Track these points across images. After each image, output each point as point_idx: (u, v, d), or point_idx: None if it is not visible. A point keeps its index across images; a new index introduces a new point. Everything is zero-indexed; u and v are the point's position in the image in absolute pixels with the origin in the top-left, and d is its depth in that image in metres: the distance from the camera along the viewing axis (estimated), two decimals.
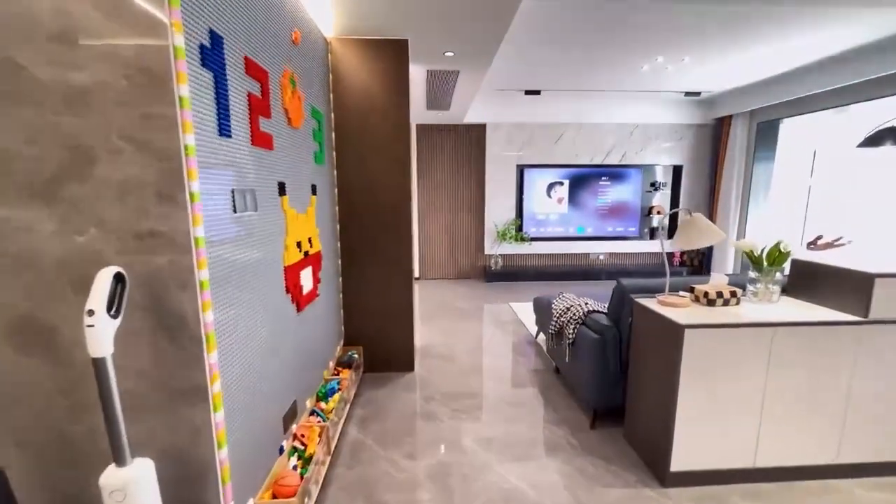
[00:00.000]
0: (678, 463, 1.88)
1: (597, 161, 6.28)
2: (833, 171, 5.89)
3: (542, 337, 3.80)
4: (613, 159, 6.29)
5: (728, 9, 3.04)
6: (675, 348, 1.80)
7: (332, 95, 2.76)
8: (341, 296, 3.02)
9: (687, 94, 5.54)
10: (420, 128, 6.16)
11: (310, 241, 2.22)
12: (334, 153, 2.83)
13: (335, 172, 2.85)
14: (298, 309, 2.04)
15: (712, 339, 1.78)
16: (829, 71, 4.38)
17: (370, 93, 2.81)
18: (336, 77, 2.77)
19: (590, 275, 6.35)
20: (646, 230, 6.56)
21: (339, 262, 2.97)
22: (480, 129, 6.20)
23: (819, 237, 2.04)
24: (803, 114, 5.09)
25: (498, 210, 6.35)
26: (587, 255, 6.59)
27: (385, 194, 2.93)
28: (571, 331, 2.53)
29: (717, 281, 2.04)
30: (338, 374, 2.71)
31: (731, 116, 5.77)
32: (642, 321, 2.07)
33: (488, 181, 6.28)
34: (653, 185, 6.47)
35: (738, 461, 1.91)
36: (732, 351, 1.80)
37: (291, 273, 1.93)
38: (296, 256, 1.98)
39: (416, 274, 6.52)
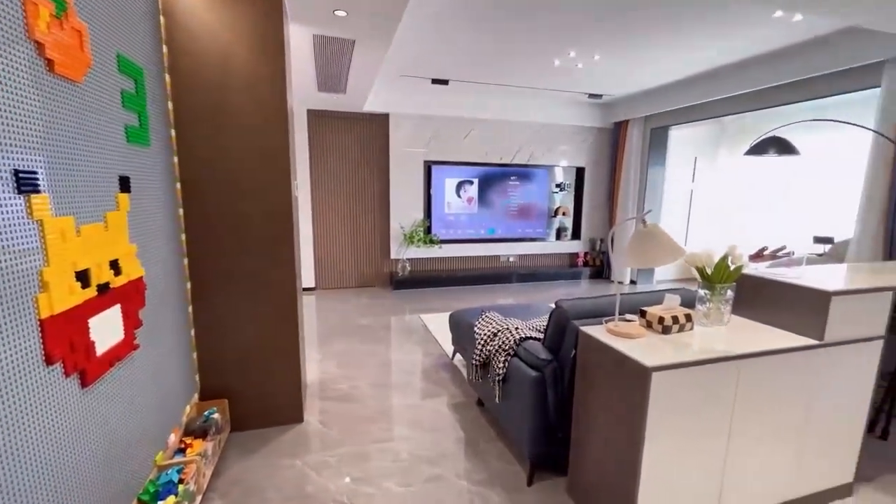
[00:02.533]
0: None
1: (506, 160, 6.06)
2: (712, 176, 6.45)
3: (459, 358, 3.33)
4: (521, 159, 6.13)
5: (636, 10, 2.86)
6: (640, 393, 1.42)
7: (165, 49, 1.92)
8: (193, 333, 2.18)
9: (590, 95, 5.56)
10: (312, 114, 5.30)
11: (115, 265, 1.40)
12: (173, 133, 1.98)
13: (175, 161, 2.00)
14: (86, 381, 1.23)
15: (680, 379, 1.44)
16: (710, 84, 4.61)
17: (229, 55, 2.03)
18: (173, 23, 1.93)
19: (501, 278, 6.12)
20: (551, 231, 6.56)
21: (189, 286, 2.13)
22: (383, 119, 5.56)
23: (764, 248, 1.85)
24: (688, 122, 5.40)
25: (404, 210, 5.78)
26: (498, 257, 6.36)
27: (256, 194, 2.17)
28: (501, 364, 2.07)
29: (671, 303, 1.73)
30: (185, 451, 1.89)
31: (628, 121, 5.97)
32: (591, 356, 1.68)
33: (393, 178, 5.67)
34: (558, 185, 6.48)
35: None
36: (700, 390, 1.48)
37: (63, 325, 1.13)
38: (73, 297, 1.17)
39: (312, 284, 5.65)
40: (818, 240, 4.48)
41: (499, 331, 2.22)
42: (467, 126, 5.81)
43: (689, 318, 1.68)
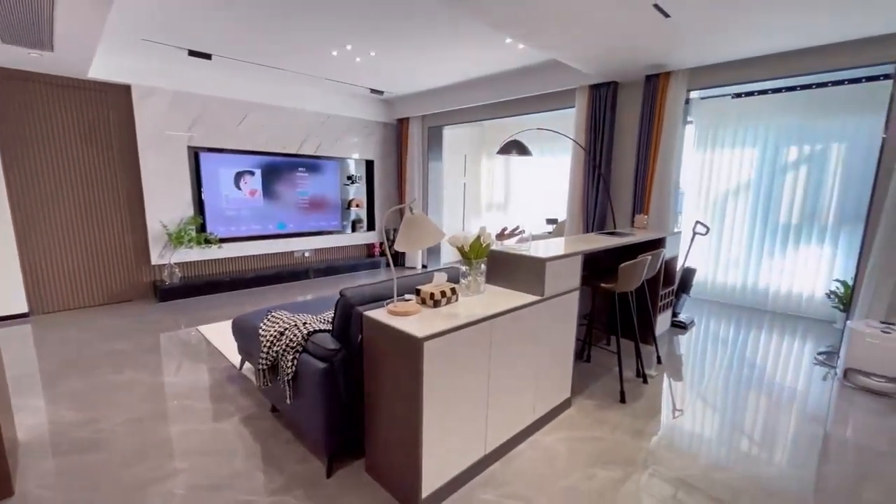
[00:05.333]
0: (429, 484, 1.71)
1: (291, 150, 5.73)
2: (479, 170, 7.60)
3: (248, 366, 3.03)
4: (309, 149, 5.91)
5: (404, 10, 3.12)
6: (416, 362, 1.59)
7: None
8: None
9: (373, 90, 5.76)
10: None
11: None
12: None
13: None
14: None
15: (447, 344, 1.67)
16: (472, 92, 5.40)
17: None
18: None
19: (297, 275, 5.82)
20: (347, 223, 6.59)
21: None
22: (122, 91, 4.46)
23: (504, 228, 2.30)
24: (457, 124, 6.21)
25: (166, 206, 4.83)
26: (292, 253, 6.01)
27: None
28: (290, 363, 1.98)
29: (440, 280, 1.98)
30: None
31: (408, 119, 6.45)
32: (375, 336, 1.78)
33: (146, 167, 4.64)
34: (349, 178, 6.52)
35: (475, 455, 1.93)
36: (464, 350, 1.76)
37: None
38: None
39: (24, 308, 4.16)
40: (548, 221, 5.86)
41: (286, 329, 2.12)
42: (242, 110, 5.23)
43: (454, 291, 1.96)
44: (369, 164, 6.69)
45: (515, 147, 4.35)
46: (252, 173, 5.40)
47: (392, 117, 6.64)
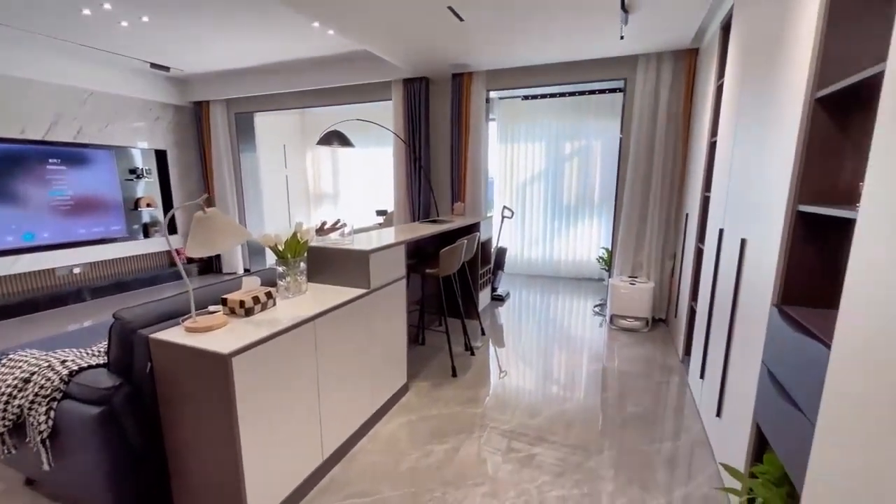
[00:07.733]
0: None
1: (34, 135, 4.33)
2: (303, 162, 7.12)
3: None
4: (64, 134, 4.56)
5: None
6: (224, 382, 1.37)
7: None
8: None
9: (154, 65, 4.76)
10: None
11: None
12: None
13: None
14: None
15: (264, 355, 1.50)
16: (284, 77, 4.98)
17: None
18: None
19: (64, 299, 4.49)
20: (138, 227, 5.37)
21: None
22: None
23: (324, 223, 2.19)
24: (270, 111, 5.64)
25: None
26: (52, 270, 4.59)
27: None
28: (43, 416, 1.49)
29: (251, 285, 1.76)
30: None
31: (209, 102, 5.57)
32: (168, 362, 1.47)
33: None
34: (133, 171, 5.30)
35: (312, 464, 1.81)
36: (285, 357, 1.60)
37: None
38: None
39: None
40: (378, 212, 5.90)
41: (33, 374, 1.58)
42: None
43: (269, 295, 1.77)
44: (161, 155, 5.56)
45: (336, 138, 4.21)
46: None
47: (186, 99, 5.64)
